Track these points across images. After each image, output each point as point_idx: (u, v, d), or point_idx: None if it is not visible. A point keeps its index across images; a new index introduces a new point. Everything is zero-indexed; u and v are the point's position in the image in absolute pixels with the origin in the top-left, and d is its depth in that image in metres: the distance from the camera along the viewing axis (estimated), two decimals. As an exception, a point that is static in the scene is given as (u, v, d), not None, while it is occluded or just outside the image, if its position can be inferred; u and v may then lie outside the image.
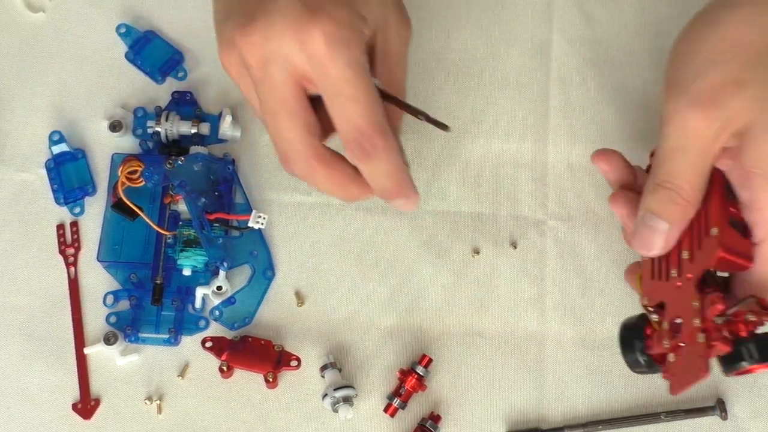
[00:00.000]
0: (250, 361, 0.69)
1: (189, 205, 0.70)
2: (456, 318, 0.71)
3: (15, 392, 0.70)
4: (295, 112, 0.60)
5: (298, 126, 0.61)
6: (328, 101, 0.60)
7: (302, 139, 0.61)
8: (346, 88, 0.59)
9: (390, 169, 0.61)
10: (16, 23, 0.79)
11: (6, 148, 0.75)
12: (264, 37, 0.59)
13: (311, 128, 0.61)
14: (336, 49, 0.58)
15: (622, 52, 0.77)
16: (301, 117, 0.61)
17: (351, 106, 0.59)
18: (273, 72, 0.59)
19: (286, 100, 0.60)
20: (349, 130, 0.60)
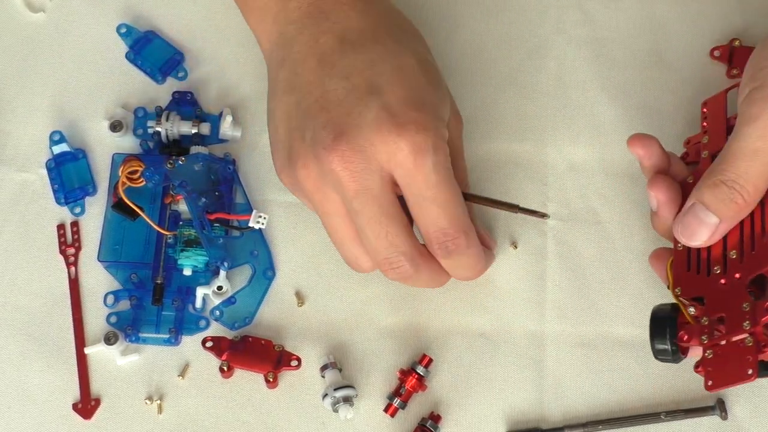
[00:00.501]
0: (250, 361, 0.69)
1: (189, 205, 0.70)
2: (456, 318, 0.71)
3: (15, 392, 0.70)
4: (396, 217, 0.63)
5: (402, 230, 0.63)
6: (414, 204, 0.63)
7: (407, 242, 0.64)
8: (432, 192, 0.62)
9: (470, 263, 0.66)
10: (16, 23, 0.79)
11: (6, 148, 0.75)
12: (358, 150, 0.61)
13: (410, 229, 0.64)
14: (423, 157, 0.61)
15: (622, 52, 0.77)
16: (402, 220, 0.64)
17: (435, 210, 0.62)
18: (371, 182, 0.62)
19: (388, 206, 0.63)
20: (433, 231, 0.63)
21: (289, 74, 0.66)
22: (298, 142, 0.64)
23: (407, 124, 0.61)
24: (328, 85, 0.63)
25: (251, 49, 0.77)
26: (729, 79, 0.75)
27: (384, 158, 0.61)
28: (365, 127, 0.61)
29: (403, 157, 0.61)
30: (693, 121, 0.75)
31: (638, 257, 0.72)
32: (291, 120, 0.65)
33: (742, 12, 0.77)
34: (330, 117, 0.63)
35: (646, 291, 0.71)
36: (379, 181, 0.62)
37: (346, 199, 0.63)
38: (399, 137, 0.61)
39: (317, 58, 0.65)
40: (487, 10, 0.78)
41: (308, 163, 0.63)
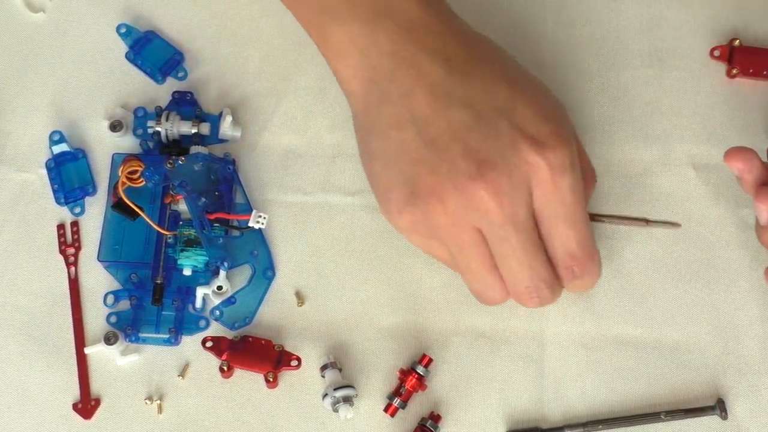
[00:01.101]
0: (250, 360, 0.69)
1: (189, 205, 0.70)
2: (456, 318, 0.71)
3: (15, 392, 0.70)
4: (539, 244, 0.63)
5: (544, 257, 0.63)
6: (546, 224, 0.62)
7: (548, 269, 0.64)
8: (565, 212, 0.61)
9: (589, 284, 0.66)
10: (16, 23, 0.79)
11: (6, 148, 0.76)
12: (505, 175, 0.61)
13: (547, 256, 0.64)
14: (562, 175, 0.61)
15: (622, 52, 0.77)
16: (542, 247, 0.63)
17: (566, 231, 0.62)
18: (518, 208, 0.61)
19: (532, 233, 0.62)
20: (563, 253, 0.63)
21: (396, 109, 0.64)
22: (425, 176, 0.62)
23: (545, 140, 0.61)
24: (452, 115, 0.62)
25: (251, 49, 0.77)
26: (729, 79, 0.75)
27: (528, 178, 0.61)
28: (506, 149, 0.60)
29: (543, 175, 0.60)
30: (693, 121, 0.75)
31: (638, 257, 0.72)
32: (409, 155, 0.63)
33: (742, 12, 0.77)
34: (466, 145, 0.61)
35: (646, 291, 0.71)
36: (525, 206, 0.61)
37: (491, 229, 0.62)
38: (540, 155, 0.60)
39: (428, 90, 0.63)
40: (487, 10, 0.78)
41: (446, 196, 0.61)
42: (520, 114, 0.62)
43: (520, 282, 0.63)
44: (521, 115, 0.62)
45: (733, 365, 0.69)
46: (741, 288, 0.71)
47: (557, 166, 0.61)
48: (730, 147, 0.64)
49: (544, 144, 0.61)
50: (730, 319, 0.70)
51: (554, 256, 0.63)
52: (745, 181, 0.64)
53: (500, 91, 0.63)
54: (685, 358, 0.70)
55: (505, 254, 0.63)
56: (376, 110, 0.65)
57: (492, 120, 0.62)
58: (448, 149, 0.62)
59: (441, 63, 0.64)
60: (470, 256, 0.64)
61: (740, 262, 0.71)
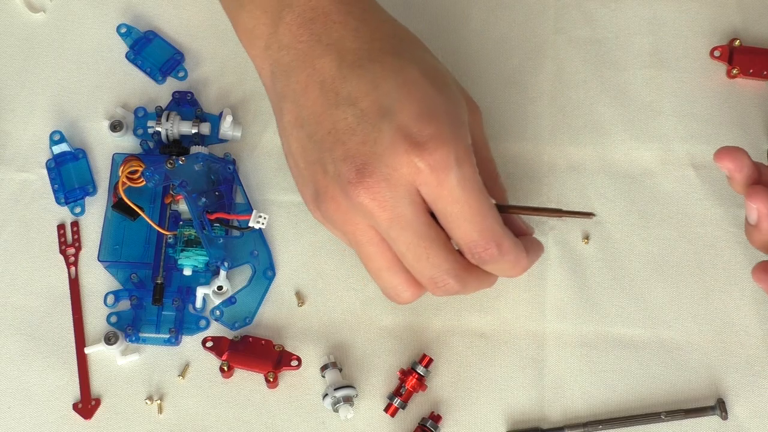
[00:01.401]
0: (250, 360, 0.69)
1: (189, 205, 0.70)
2: (456, 318, 0.71)
3: (15, 392, 0.70)
4: (435, 237, 0.62)
5: (442, 249, 0.62)
6: (443, 219, 0.62)
7: (449, 259, 0.63)
8: (459, 207, 0.61)
9: (508, 267, 0.64)
10: (16, 23, 0.79)
11: (6, 148, 0.76)
12: (383, 179, 0.60)
13: (450, 245, 0.63)
14: (445, 173, 0.60)
15: (622, 52, 0.77)
16: (440, 239, 0.62)
17: (464, 224, 0.61)
18: (402, 208, 0.61)
19: (424, 228, 0.62)
20: (465, 244, 0.62)
21: (293, 107, 0.64)
22: (320, 176, 0.63)
23: (425, 142, 0.60)
24: (337, 115, 0.62)
25: (251, 49, 0.77)
26: (729, 79, 0.75)
27: (409, 180, 0.60)
28: (384, 154, 0.60)
29: (426, 176, 0.60)
30: (693, 121, 0.75)
31: (638, 257, 0.72)
32: (307, 154, 0.64)
33: (742, 12, 0.77)
34: (347, 149, 0.61)
35: (646, 291, 0.71)
36: (410, 205, 0.61)
37: (381, 229, 0.62)
38: (418, 157, 0.60)
39: (318, 86, 0.63)
40: (487, 10, 0.78)
41: (336, 196, 0.62)
42: (404, 114, 0.61)
43: (422, 275, 0.63)
44: (405, 114, 0.61)
45: (733, 365, 0.69)
46: (741, 288, 0.71)
47: (439, 167, 0.60)
48: (720, 147, 0.64)
49: (422, 145, 0.60)
50: (730, 319, 0.70)
51: (460, 245, 0.63)
52: (735, 180, 0.64)
53: (388, 88, 0.61)
54: (685, 358, 0.70)
55: (400, 251, 0.62)
56: (280, 106, 0.66)
57: (375, 121, 0.61)
58: (332, 151, 0.62)
59: (334, 57, 0.63)
60: (371, 253, 0.64)
61: (740, 262, 0.71)
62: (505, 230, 0.63)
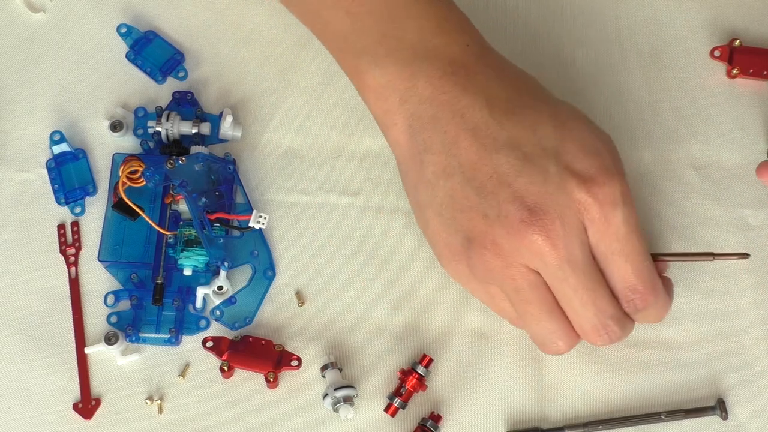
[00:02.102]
0: (250, 360, 0.69)
1: (190, 205, 0.70)
2: (456, 318, 0.71)
3: (15, 392, 0.70)
4: (601, 281, 0.62)
5: (607, 293, 0.62)
6: (603, 259, 0.61)
7: (613, 305, 0.62)
8: (621, 245, 0.61)
9: (656, 314, 0.64)
10: (16, 23, 0.79)
11: (6, 148, 0.76)
12: (556, 218, 0.60)
13: (610, 291, 0.63)
14: (613, 209, 0.60)
15: (622, 52, 0.77)
16: (605, 284, 0.62)
17: (623, 264, 0.61)
18: (573, 248, 0.60)
19: (592, 271, 0.61)
20: (621, 288, 0.62)
21: (440, 158, 0.63)
22: (478, 222, 0.62)
23: (594, 177, 0.60)
24: (498, 160, 0.61)
25: (251, 49, 0.77)
26: (729, 79, 0.76)
27: (579, 219, 0.60)
28: (555, 192, 0.60)
29: (594, 212, 0.60)
30: (693, 121, 0.75)
31: (638, 257, 0.72)
32: (459, 203, 0.62)
33: (742, 12, 0.77)
34: (514, 190, 0.61)
35: (646, 291, 0.71)
36: (581, 245, 0.60)
37: (547, 270, 0.61)
38: (587, 193, 0.60)
39: (472, 134, 0.62)
40: (487, 11, 0.78)
41: (497, 240, 0.61)
42: (567, 152, 0.61)
43: (587, 321, 0.62)
44: (568, 153, 0.61)
45: (733, 365, 0.69)
46: (741, 288, 0.71)
47: (607, 201, 0.60)
48: (761, 161, 0.64)
49: (592, 180, 0.60)
50: (730, 319, 0.70)
51: (615, 290, 0.62)
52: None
53: (546, 130, 0.62)
54: (685, 358, 0.70)
55: (566, 295, 0.62)
56: (420, 159, 0.64)
57: (539, 161, 0.61)
58: (496, 194, 0.61)
59: (484, 105, 0.63)
60: (528, 299, 0.63)
61: (740, 263, 0.71)
62: (657, 276, 0.63)
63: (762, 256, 0.71)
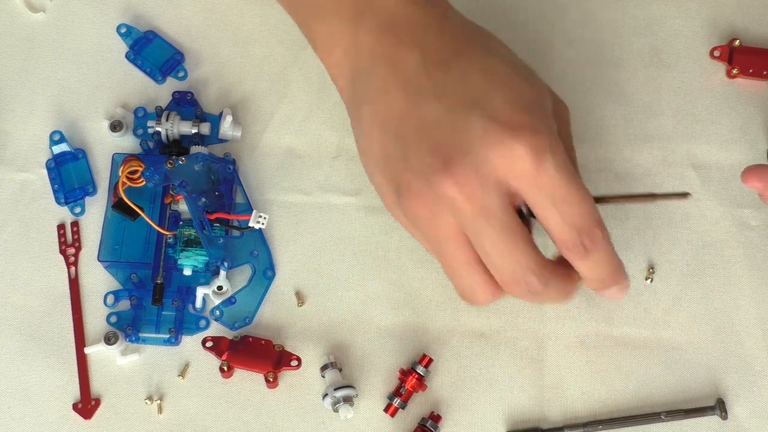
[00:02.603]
0: (250, 360, 0.69)
1: (189, 205, 0.70)
2: (456, 318, 0.71)
3: (15, 392, 0.70)
4: (520, 232, 0.61)
5: (527, 245, 0.61)
6: (542, 208, 0.60)
7: (533, 257, 0.61)
8: (560, 192, 0.59)
9: (607, 258, 0.62)
10: (16, 23, 0.79)
11: (6, 148, 0.76)
12: (472, 170, 0.59)
13: (534, 243, 0.61)
14: (543, 158, 0.59)
15: (622, 52, 0.77)
16: (525, 235, 0.61)
17: (567, 209, 0.60)
18: (489, 200, 0.59)
19: (510, 223, 0.60)
20: (567, 231, 0.60)
21: (375, 109, 0.64)
22: (403, 172, 0.62)
23: (520, 129, 0.59)
24: (423, 110, 0.61)
25: (251, 49, 0.77)
26: (729, 79, 0.75)
27: (501, 171, 0.59)
28: (475, 144, 0.59)
29: (522, 164, 0.59)
30: (693, 121, 0.75)
31: (638, 257, 0.72)
32: (390, 154, 0.63)
33: (742, 12, 0.77)
34: (434, 141, 0.61)
35: (646, 291, 0.71)
36: (498, 197, 0.60)
37: (464, 223, 0.61)
38: (515, 144, 0.59)
39: (402, 85, 0.62)
40: (487, 11, 0.78)
41: (420, 191, 0.61)
42: (494, 104, 0.60)
43: (505, 273, 0.61)
44: (495, 104, 0.60)
45: (733, 365, 0.69)
46: (741, 288, 0.71)
47: (537, 152, 0.59)
48: (747, 166, 0.63)
49: (518, 132, 0.59)
50: (730, 319, 0.70)
51: (560, 235, 0.61)
52: (766, 197, 0.64)
53: (475, 81, 0.62)
54: (685, 358, 0.70)
55: (484, 247, 0.61)
56: (359, 111, 0.65)
57: (464, 112, 0.60)
58: (418, 145, 0.61)
59: (417, 56, 0.63)
60: (450, 251, 0.62)
61: (740, 262, 0.71)
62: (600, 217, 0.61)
63: (762, 256, 0.71)
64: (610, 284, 0.63)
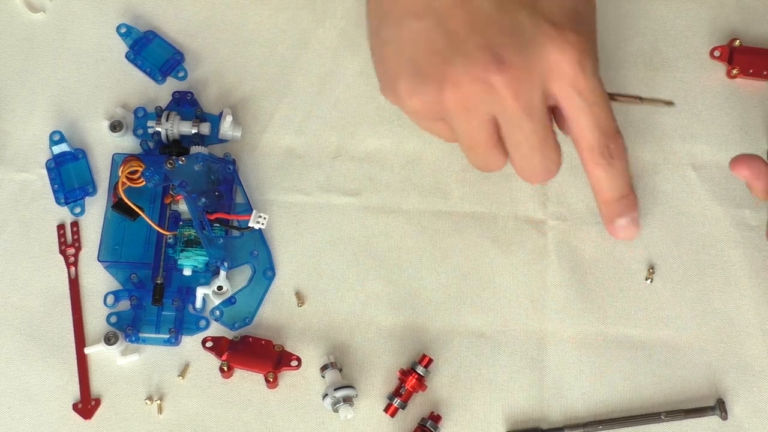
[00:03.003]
0: (250, 361, 0.69)
1: (189, 205, 0.70)
2: (456, 318, 0.71)
3: (15, 392, 0.70)
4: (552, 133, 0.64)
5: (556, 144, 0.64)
6: (576, 111, 0.63)
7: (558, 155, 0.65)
8: (594, 96, 0.62)
9: (626, 168, 0.65)
10: (16, 23, 0.79)
11: (6, 148, 0.76)
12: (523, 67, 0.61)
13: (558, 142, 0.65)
14: (587, 63, 0.62)
15: (622, 52, 0.77)
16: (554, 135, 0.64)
17: (599, 113, 0.63)
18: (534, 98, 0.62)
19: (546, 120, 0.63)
20: (597, 136, 0.63)
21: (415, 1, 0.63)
22: (440, 66, 0.62)
23: (568, 32, 0.61)
24: (474, 6, 0.62)
25: (251, 49, 0.77)
26: (729, 79, 0.75)
27: (547, 71, 0.61)
28: (526, 42, 0.61)
29: (567, 67, 0.61)
30: (693, 121, 0.75)
31: (638, 257, 0.72)
32: (425, 45, 0.63)
33: (742, 12, 0.77)
34: (485, 39, 0.61)
35: (646, 291, 0.71)
36: (540, 96, 0.62)
37: (504, 117, 0.62)
38: (564, 46, 0.61)
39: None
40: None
41: (461, 83, 0.61)
42: (545, 6, 0.62)
43: (533, 165, 0.64)
44: (545, 7, 0.62)
45: (733, 365, 0.69)
46: (741, 288, 0.71)
47: (582, 53, 0.61)
48: (736, 155, 0.65)
49: (566, 35, 0.61)
50: (730, 319, 0.70)
51: (589, 140, 0.63)
52: (754, 188, 0.65)
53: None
54: (685, 358, 0.70)
55: (517, 140, 0.63)
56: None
57: (515, 11, 0.62)
58: (466, 41, 0.62)
59: None
60: (477, 138, 0.64)
61: (740, 262, 0.71)
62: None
63: (762, 256, 0.71)
64: (628, 201, 0.66)
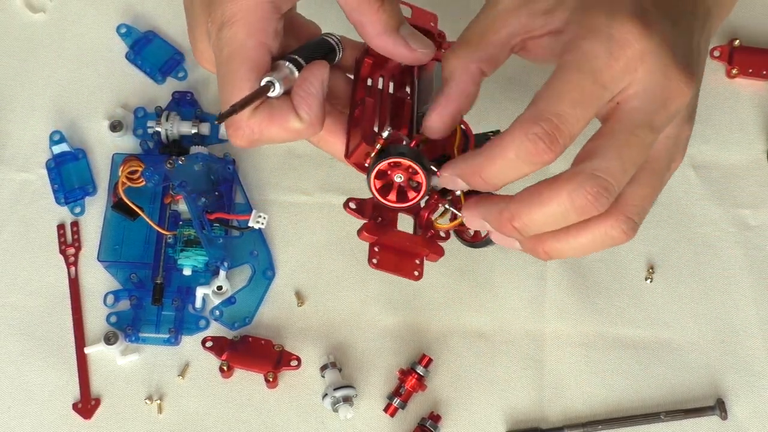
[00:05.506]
0: (250, 360, 0.69)
1: (189, 205, 0.70)
2: (456, 318, 0.71)
3: (15, 392, 0.70)
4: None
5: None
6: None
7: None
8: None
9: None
10: (17, 23, 0.79)
11: (6, 148, 0.76)
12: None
13: None
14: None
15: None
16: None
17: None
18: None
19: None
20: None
21: None
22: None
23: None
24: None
25: (251, 49, 0.77)
26: (729, 79, 0.76)
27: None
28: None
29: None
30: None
31: (638, 257, 0.72)
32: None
33: (742, 12, 0.77)
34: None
35: (646, 291, 0.71)
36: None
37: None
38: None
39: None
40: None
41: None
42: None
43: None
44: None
45: (733, 365, 0.69)
46: (741, 288, 0.71)
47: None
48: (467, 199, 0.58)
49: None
50: (730, 319, 0.70)
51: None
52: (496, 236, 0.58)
53: None
54: (685, 358, 0.70)
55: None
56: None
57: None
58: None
59: None
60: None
61: (740, 262, 0.71)
62: None
63: (762, 256, 0.71)
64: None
